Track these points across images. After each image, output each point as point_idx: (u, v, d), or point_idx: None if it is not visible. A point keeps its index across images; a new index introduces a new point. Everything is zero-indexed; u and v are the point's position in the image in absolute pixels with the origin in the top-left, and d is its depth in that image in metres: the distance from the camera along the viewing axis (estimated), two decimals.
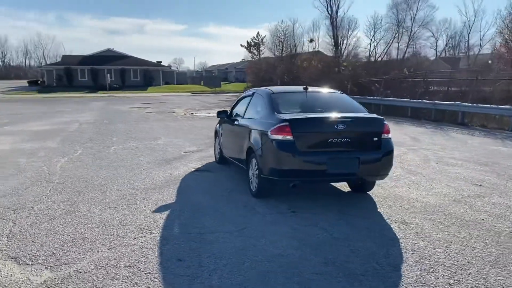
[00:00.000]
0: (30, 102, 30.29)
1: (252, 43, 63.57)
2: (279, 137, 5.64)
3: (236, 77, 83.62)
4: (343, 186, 7.06)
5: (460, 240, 4.81)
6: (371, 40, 39.06)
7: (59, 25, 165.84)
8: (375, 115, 6.30)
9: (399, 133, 14.29)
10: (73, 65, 55.41)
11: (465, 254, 4.41)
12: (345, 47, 41.06)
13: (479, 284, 3.76)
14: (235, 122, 7.31)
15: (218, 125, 8.86)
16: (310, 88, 6.98)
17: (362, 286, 3.70)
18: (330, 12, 37.79)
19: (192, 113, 22.08)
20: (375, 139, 5.90)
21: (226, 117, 7.91)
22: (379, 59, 35.30)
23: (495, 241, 4.80)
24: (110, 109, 24.31)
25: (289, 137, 5.61)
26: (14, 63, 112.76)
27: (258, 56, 61.53)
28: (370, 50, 39.10)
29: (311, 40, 42.67)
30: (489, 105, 16.65)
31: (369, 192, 6.74)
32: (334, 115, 5.88)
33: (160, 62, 65.45)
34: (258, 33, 63.97)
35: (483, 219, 5.55)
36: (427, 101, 19.34)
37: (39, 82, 61.33)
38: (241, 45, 64.22)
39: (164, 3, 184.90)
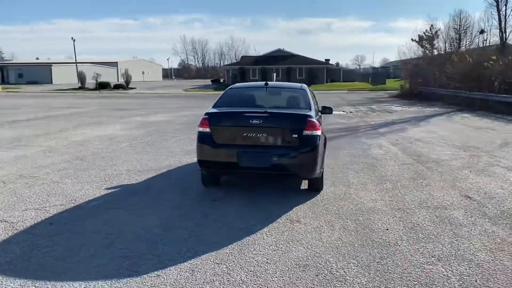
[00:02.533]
0: (191, 98, 34.78)
1: (425, 37, 59.32)
2: (200, 129, 6.10)
3: None
4: (304, 184, 6.97)
5: (315, 244, 4.61)
6: None
7: (254, 28, 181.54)
8: (300, 112, 6.15)
9: (497, 137, 12.42)
10: (247, 65, 60.58)
11: (289, 255, 4.30)
12: None
13: (226, 278, 3.78)
14: None
15: None
16: (271, 83, 7.08)
17: (133, 265, 4.09)
18: None
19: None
20: (295, 135, 5.83)
21: None
22: None
23: (349, 249, 4.47)
24: None
25: (207, 130, 6.03)
26: (211, 64, 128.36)
27: (430, 51, 57.31)
28: None
29: (482, 32, 37.81)
30: None
31: (326, 191, 6.58)
32: (252, 110, 6.03)
33: (328, 60, 66.36)
34: (431, 26, 59.37)
35: (387, 229, 5.07)
36: None
37: (221, 81, 68.87)
38: (412, 39, 60.57)
39: (354, 1, 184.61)
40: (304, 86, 7.26)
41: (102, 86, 51.15)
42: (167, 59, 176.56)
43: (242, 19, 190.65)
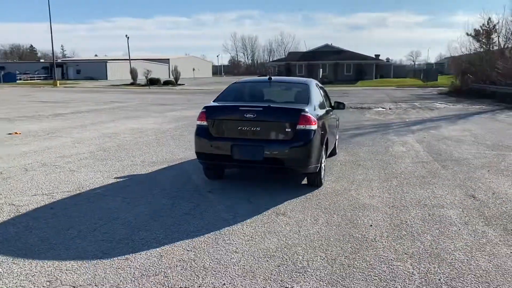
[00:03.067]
0: None
1: (481, 31, 56.46)
2: (198, 122, 6.29)
3: None
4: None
5: (291, 236, 4.65)
6: None
7: (305, 24, 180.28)
8: (295, 106, 6.15)
9: None
10: (293, 61, 60.39)
11: (260, 246, 4.38)
12: None
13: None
14: None
15: None
16: (275, 78, 7.12)
17: (109, 248, 4.34)
18: None
19: (351, 107, 22.24)
20: (288, 129, 5.87)
21: None
22: None
23: (322, 242, 4.49)
24: None
25: (204, 123, 6.21)
26: (260, 60, 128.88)
27: (487, 45, 54.47)
28: None
29: None
30: None
31: (327, 186, 6.58)
32: (247, 104, 6.13)
33: (378, 55, 64.92)
34: (489, 19, 56.38)
35: (371, 225, 5.03)
36: None
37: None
38: (467, 34, 57.79)
39: None
40: (309, 81, 7.25)
41: (152, 82, 52.83)
42: (217, 56, 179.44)
43: (293, 15, 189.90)
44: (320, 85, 7.79)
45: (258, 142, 5.90)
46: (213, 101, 6.66)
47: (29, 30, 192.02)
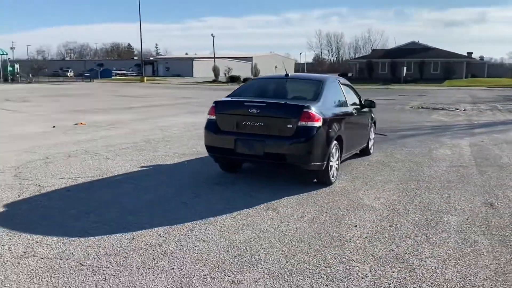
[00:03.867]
0: None
1: None
2: (208, 117, 6.55)
3: None
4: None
5: (266, 230, 4.69)
6: None
7: (396, 20, 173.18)
8: (299, 103, 6.10)
9: None
10: (376, 59, 58.50)
11: (230, 237, 4.51)
12: None
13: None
14: None
15: None
16: (292, 75, 7.11)
17: (93, 228, 4.73)
18: None
19: (422, 107, 21.34)
20: (290, 126, 5.89)
21: None
22: None
23: (293, 238, 4.51)
24: None
25: (213, 117, 6.44)
26: (346, 58, 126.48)
27: None
28: None
29: None
30: None
31: (337, 185, 6.52)
32: (252, 99, 6.24)
33: (471, 53, 60.65)
34: None
35: (356, 226, 4.94)
36: None
37: (348, 75, 67.57)
38: None
39: None
40: (326, 78, 7.13)
41: (232, 79, 54.40)
42: (300, 54, 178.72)
43: (384, 11, 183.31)
44: (343, 82, 7.63)
45: (260, 137, 5.98)
46: (226, 96, 6.85)
47: (129, 30, 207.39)
